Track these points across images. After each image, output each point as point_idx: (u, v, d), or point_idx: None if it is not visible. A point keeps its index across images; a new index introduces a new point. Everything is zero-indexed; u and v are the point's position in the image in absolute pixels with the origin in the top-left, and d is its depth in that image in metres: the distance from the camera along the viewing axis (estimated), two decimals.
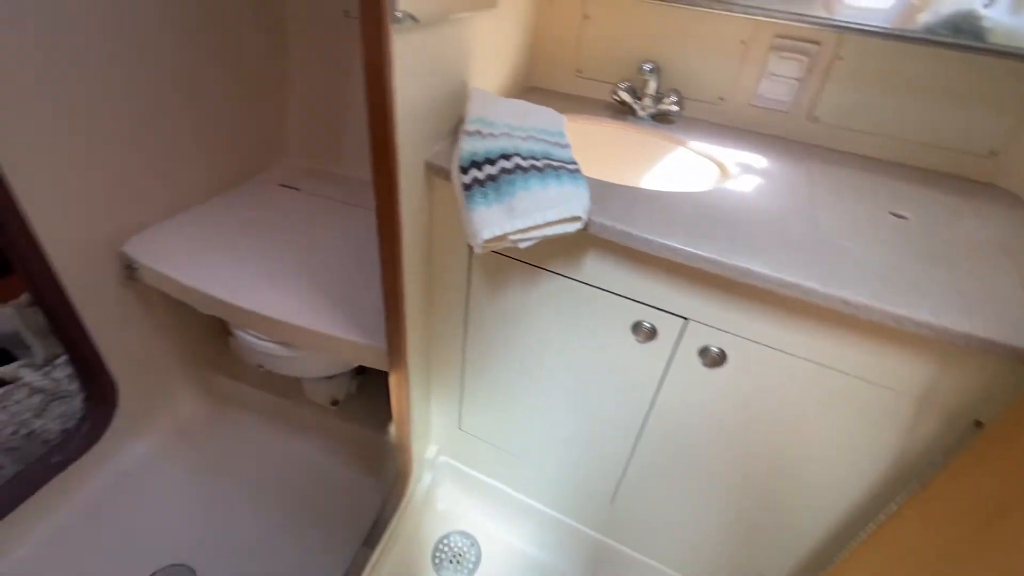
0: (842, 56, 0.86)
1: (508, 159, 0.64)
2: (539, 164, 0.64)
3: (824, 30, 0.84)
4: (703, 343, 0.66)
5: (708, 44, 0.93)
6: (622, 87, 0.96)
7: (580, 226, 0.60)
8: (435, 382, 0.99)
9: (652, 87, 0.94)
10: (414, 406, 0.93)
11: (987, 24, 0.73)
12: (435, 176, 0.73)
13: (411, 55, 0.58)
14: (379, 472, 1.16)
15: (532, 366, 0.84)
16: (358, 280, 0.95)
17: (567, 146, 0.71)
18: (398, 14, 0.51)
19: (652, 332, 0.68)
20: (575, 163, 0.67)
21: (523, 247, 0.60)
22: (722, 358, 0.66)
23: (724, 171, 0.83)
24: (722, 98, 0.97)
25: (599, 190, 0.67)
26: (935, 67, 0.81)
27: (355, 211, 1.15)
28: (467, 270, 0.80)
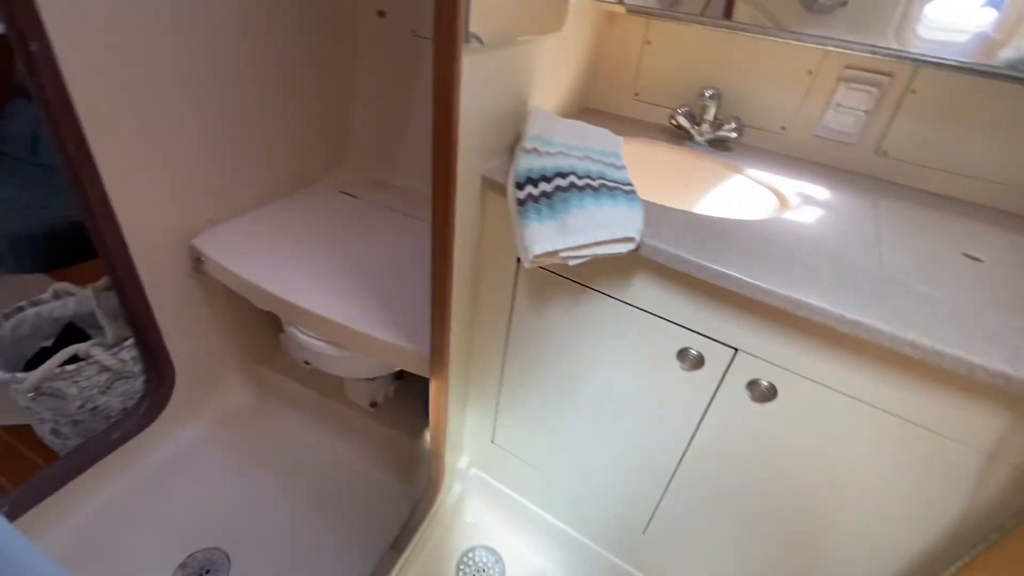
0: (915, 89, 0.83)
1: (564, 177, 0.64)
2: (594, 184, 0.64)
3: (897, 62, 0.81)
4: (752, 376, 0.64)
5: (772, 72, 0.92)
6: (680, 112, 0.96)
7: (632, 247, 0.60)
8: (472, 393, 1.00)
9: (711, 113, 0.93)
10: (451, 414, 0.94)
11: None
12: (489, 190, 0.74)
13: (477, 74, 0.60)
14: (410, 477, 1.18)
15: (571, 385, 0.83)
16: (406, 287, 0.97)
17: (623, 167, 0.71)
18: (470, 36, 0.54)
19: (699, 360, 0.67)
20: (631, 184, 0.67)
21: (573, 264, 0.61)
22: (772, 393, 0.64)
23: (783, 201, 0.81)
24: (784, 127, 0.95)
25: (653, 212, 0.67)
26: (1016, 104, 0.77)
27: (408, 221, 1.18)
28: (513, 284, 0.81)
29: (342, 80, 1.26)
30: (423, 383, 0.87)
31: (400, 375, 1.28)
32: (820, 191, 0.82)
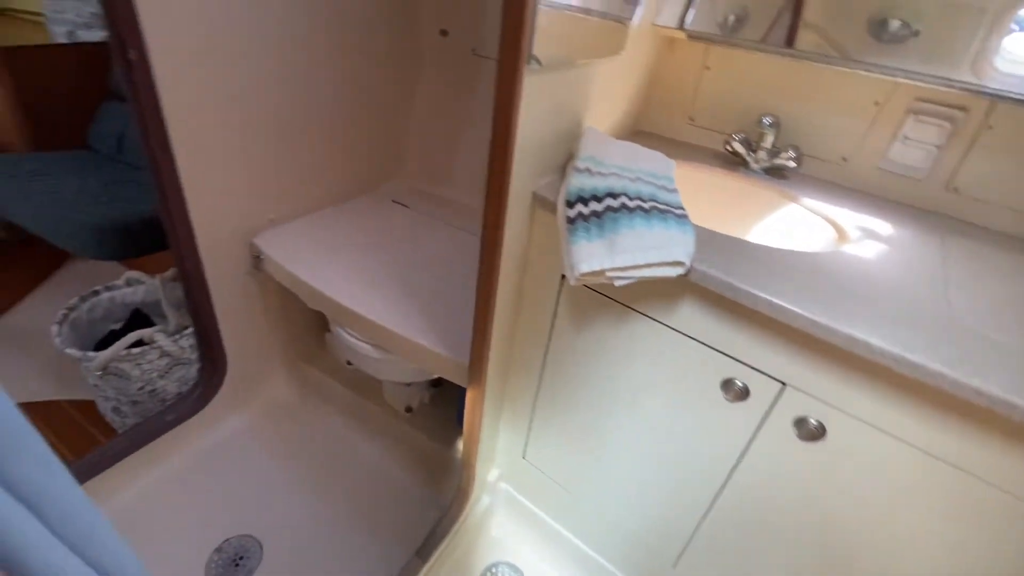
0: (992, 125, 0.79)
1: (615, 198, 0.65)
2: (645, 205, 0.64)
3: (973, 96, 0.78)
4: (801, 413, 0.62)
5: (836, 102, 0.89)
6: (736, 138, 0.94)
7: (682, 271, 0.59)
8: (507, 406, 1.00)
9: (769, 141, 0.91)
10: (484, 426, 0.94)
11: None
12: (539, 206, 0.76)
13: (537, 94, 0.62)
14: (439, 485, 1.18)
15: (607, 406, 0.82)
16: (449, 297, 1.00)
17: (675, 191, 0.71)
18: (531, 58, 0.56)
19: (744, 392, 0.65)
20: (682, 208, 0.66)
21: (619, 285, 0.61)
22: (821, 432, 0.61)
23: (842, 234, 0.78)
24: (845, 158, 0.92)
25: (704, 237, 0.66)
26: None
27: (456, 232, 1.21)
28: (555, 301, 0.81)
29: (403, 94, 1.31)
30: (458, 392, 0.88)
31: (436, 382, 1.30)
32: (882, 225, 0.79)
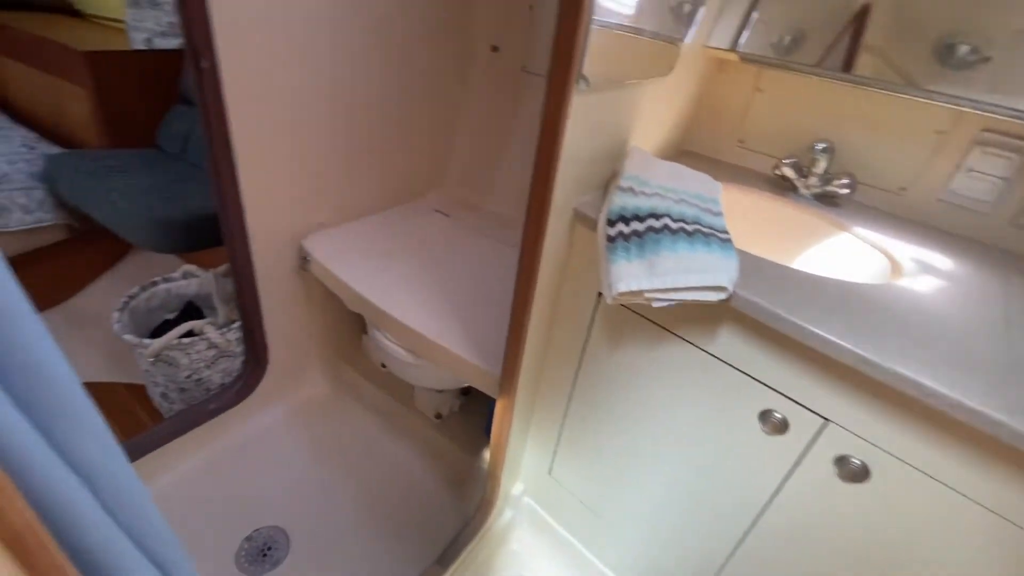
0: None
1: (657, 219, 0.64)
2: (689, 228, 0.63)
3: None
4: (843, 451, 0.59)
5: (895, 130, 0.86)
6: (787, 162, 0.92)
7: (724, 297, 0.58)
8: (535, 420, 0.99)
9: (821, 167, 0.89)
10: (511, 439, 0.94)
11: None
12: (579, 223, 0.76)
13: (583, 113, 0.62)
14: (463, 494, 1.19)
15: (638, 430, 0.81)
16: (485, 307, 1.00)
17: (720, 214, 0.70)
18: (582, 78, 0.56)
19: (783, 425, 0.63)
20: (727, 232, 0.65)
21: (657, 306, 0.60)
22: (864, 474, 0.58)
23: (897, 266, 0.75)
24: (903, 188, 0.88)
25: (749, 263, 0.65)
26: None
27: (494, 244, 1.22)
28: (591, 318, 0.81)
29: (451, 106, 1.34)
30: (487, 403, 0.89)
31: (466, 391, 1.31)
32: (941, 260, 0.75)
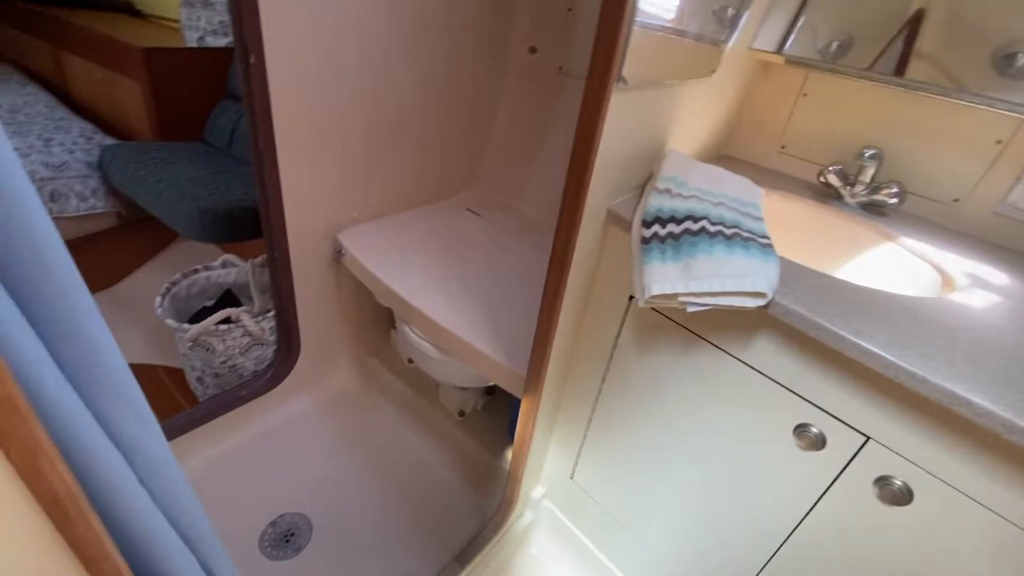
0: None
1: (695, 221, 0.63)
2: (727, 232, 0.62)
3: None
4: (884, 472, 0.56)
5: (950, 139, 0.82)
6: (832, 169, 0.89)
7: (762, 303, 0.56)
8: (559, 423, 0.99)
9: (869, 175, 0.85)
10: (534, 440, 0.93)
11: None
12: (613, 224, 0.75)
13: (621, 113, 0.62)
14: (484, 493, 1.18)
15: (666, 437, 0.79)
16: (513, 307, 1.00)
17: (760, 219, 0.68)
18: (621, 78, 0.55)
19: (819, 441, 0.60)
20: (767, 237, 0.63)
21: (691, 311, 0.59)
22: (906, 496, 0.55)
23: (948, 280, 0.71)
24: (957, 199, 0.84)
25: (789, 270, 0.63)
26: None
27: (524, 245, 1.22)
28: (620, 321, 0.79)
29: (487, 106, 1.35)
30: (511, 404, 0.89)
31: (490, 391, 1.31)
32: (997, 275, 0.71)
